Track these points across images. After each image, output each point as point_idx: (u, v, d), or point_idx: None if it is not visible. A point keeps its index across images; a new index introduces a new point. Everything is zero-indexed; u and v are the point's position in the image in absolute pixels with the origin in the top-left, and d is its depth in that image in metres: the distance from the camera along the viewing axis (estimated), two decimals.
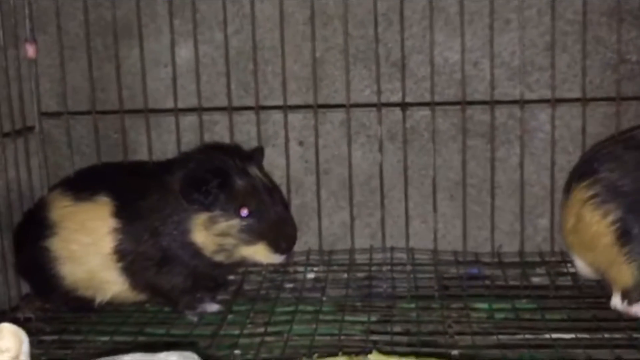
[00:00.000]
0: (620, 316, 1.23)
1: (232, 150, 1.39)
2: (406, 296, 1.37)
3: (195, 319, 1.31)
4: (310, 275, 1.49)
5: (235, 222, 1.26)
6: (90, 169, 1.46)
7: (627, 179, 1.22)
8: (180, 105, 1.55)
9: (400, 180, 1.54)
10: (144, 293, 1.32)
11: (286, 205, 1.36)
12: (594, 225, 1.23)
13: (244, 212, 1.26)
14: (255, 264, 1.35)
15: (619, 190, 1.22)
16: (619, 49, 1.48)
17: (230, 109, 1.53)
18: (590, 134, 1.49)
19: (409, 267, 1.49)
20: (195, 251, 1.28)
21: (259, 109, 1.53)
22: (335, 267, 1.51)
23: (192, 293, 1.32)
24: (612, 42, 1.49)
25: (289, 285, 1.45)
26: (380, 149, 1.53)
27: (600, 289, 1.28)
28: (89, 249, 1.30)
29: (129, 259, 1.29)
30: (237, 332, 1.26)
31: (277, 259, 1.29)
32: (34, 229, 1.33)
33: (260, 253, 1.28)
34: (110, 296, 1.32)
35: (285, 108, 1.53)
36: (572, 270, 1.34)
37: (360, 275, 1.48)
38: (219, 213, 1.26)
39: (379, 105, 1.52)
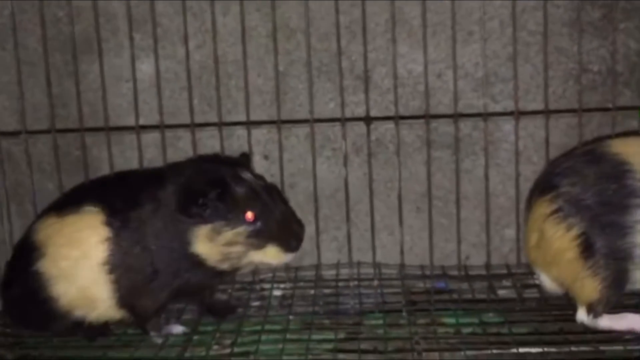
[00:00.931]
0: (586, 329, 1.23)
1: (221, 159, 1.37)
2: (374, 312, 1.36)
3: (159, 340, 1.29)
4: (277, 293, 1.48)
5: (242, 229, 1.24)
6: (77, 187, 1.41)
7: (589, 192, 1.22)
8: (143, 121, 1.53)
9: (366, 194, 1.54)
10: (124, 310, 1.29)
11: (286, 203, 1.34)
12: (557, 240, 1.23)
13: (250, 217, 1.24)
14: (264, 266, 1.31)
15: (581, 204, 1.22)
16: (580, 60, 1.48)
17: (192, 126, 1.51)
18: (554, 144, 1.49)
19: (375, 282, 1.49)
20: (195, 263, 1.25)
21: (222, 125, 1.51)
22: (301, 284, 1.50)
23: (161, 312, 1.30)
24: (574, 53, 1.50)
25: (255, 304, 1.43)
26: (345, 163, 1.52)
27: (567, 301, 1.28)
28: (79, 262, 1.25)
29: (119, 271, 1.25)
30: (202, 353, 1.24)
31: (288, 257, 1.27)
32: (22, 257, 1.30)
33: (270, 255, 1.26)
34: (97, 314, 1.28)
35: (249, 124, 1.51)
36: (538, 282, 1.34)
37: (327, 291, 1.47)
38: (223, 223, 1.24)
39: (342, 120, 1.51)
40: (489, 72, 1.51)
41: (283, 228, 1.26)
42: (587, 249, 1.20)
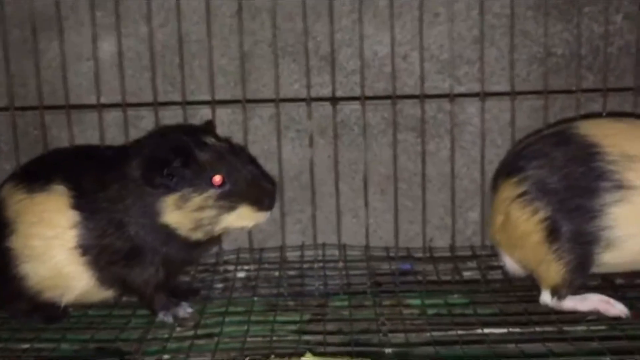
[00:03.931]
0: (550, 310, 1.23)
1: (184, 128, 1.36)
2: (339, 294, 1.36)
3: (169, 321, 1.26)
4: (241, 274, 1.46)
5: (210, 193, 1.22)
6: (40, 158, 1.37)
7: (556, 176, 1.21)
8: (104, 100, 1.50)
9: (331, 176, 1.53)
10: (113, 289, 1.27)
11: (255, 163, 1.32)
12: (523, 223, 1.23)
13: (217, 179, 1.22)
14: (240, 229, 1.29)
15: (547, 187, 1.21)
16: (545, 43, 1.49)
17: (156, 104, 1.49)
18: (518, 127, 1.50)
19: (340, 264, 1.48)
20: (169, 234, 1.23)
21: (185, 104, 1.49)
22: (266, 265, 1.49)
23: (165, 291, 1.27)
24: (539, 36, 1.50)
25: (219, 285, 1.42)
26: (311, 144, 1.51)
27: (531, 283, 1.29)
28: (52, 242, 1.23)
29: (94, 252, 1.23)
30: (165, 335, 1.22)
31: (262, 217, 1.25)
32: None
33: (244, 216, 1.24)
34: (77, 295, 1.25)
35: (213, 103, 1.50)
36: (502, 264, 1.34)
37: (292, 273, 1.46)
38: (190, 189, 1.21)
39: (308, 100, 1.50)
40: (454, 54, 1.50)
41: (253, 187, 1.24)
42: (552, 233, 1.20)
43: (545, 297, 1.24)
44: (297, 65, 1.52)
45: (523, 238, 1.23)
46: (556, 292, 1.22)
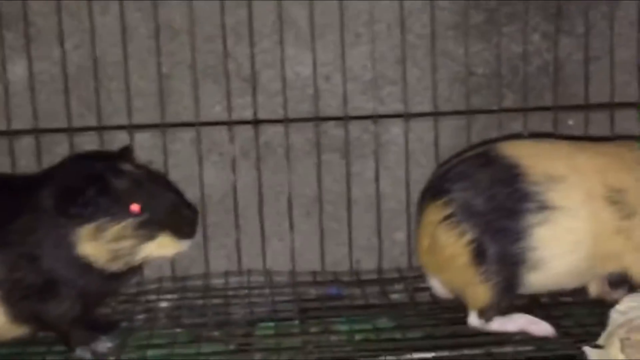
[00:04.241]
0: (479, 331, 1.23)
1: (99, 155, 1.31)
2: (265, 321, 1.32)
3: (88, 356, 1.20)
4: (164, 304, 1.42)
5: (128, 222, 1.17)
6: None
7: (481, 198, 1.21)
8: (16, 126, 1.44)
9: (255, 199, 1.50)
10: (27, 325, 1.21)
11: (175, 190, 1.28)
12: (450, 246, 1.22)
13: (135, 208, 1.17)
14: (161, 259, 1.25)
15: (473, 209, 1.21)
16: (466, 62, 1.49)
17: (70, 130, 1.43)
18: (442, 146, 1.50)
19: (267, 290, 1.45)
20: (85, 266, 1.18)
21: (102, 129, 1.44)
22: (189, 294, 1.44)
23: (82, 325, 1.22)
24: (460, 56, 1.50)
25: (140, 317, 1.37)
26: (233, 168, 1.48)
27: (458, 305, 1.28)
28: None
29: (5, 287, 1.17)
30: None
31: (184, 245, 1.21)
32: None
33: (164, 245, 1.19)
34: None
35: (131, 127, 1.45)
36: (430, 286, 1.33)
37: (217, 301, 1.42)
38: (107, 219, 1.17)
39: (230, 123, 1.47)
40: (377, 75, 1.50)
41: (173, 215, 1.20)
42: (479, 255, 1.20)
43: (473, 319, 1.24)
44: (217, 86, 1.49)
45: (450, 260, 1.22)
46: (484, 314, 1.22)
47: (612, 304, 1.22)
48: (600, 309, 1.24)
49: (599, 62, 1.51)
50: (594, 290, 1.32)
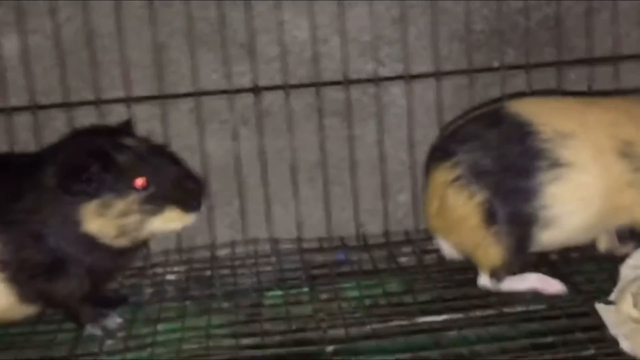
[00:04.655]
0: (489, 292, 1.22)
1: (100, 130, 1.29)
2: (274, 290, 1.32)
3: (98, 333, 1.20)
4: (171, 277, 1.41)
5: (134, 197, 1.16)
6: None
7: (490, 158, 1.20)
8: (13, 102, 1.41)
9: (257, 166, 1.48)
10: (36, 304, 1.20)
11: (179, 162, 1.26)
12: (459, 208, 1.21)
13: (140, 183, 1.16)
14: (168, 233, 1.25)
15: (482, 170, 1.19)
16: (465, 20, 1.47)
17: (67, 105, 1.41)
18: (444, 106, 1.48)
19: (273, 259, 1.44)
20: (92, 243, 1.16)
21: (99, 102, 1.42)
22: (196, 266, 1.43)
23: (91, 301, 1.21)
24: (458, 13, 1.48)
25: (149, 291, 1.36)
26: (235, 136, 1.46)
27: (468, 266, 1.27)
28: None
29: (12, 267, 1.16)
30: (95, 349, 1.16)
31: (191, 218, 1.19)
32: None
33: (171, 219, 1.18)
34: None
35: (129, 100, 1.43)
36: (438, 248, 1.32)
37: (224, 272, 1.41)
38: (112, 195, 1.15)
39: (230, 92, 1.45)
40: (374, 36, 1.47)
41: (179, 188, 1.18)
42: (490, 216, 1.19)
43: (484, 280, 1.23)
44: (214, 54, 1.46)
45: (460, 222, 1.21)
46: (495, 275, 1.22)
47: (621, 258, 1.22)
48: (609, 264, 1.25)
49: (599, 14, 1.49)
50: (603, 245, 1.31)
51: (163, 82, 1.44)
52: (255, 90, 1.45)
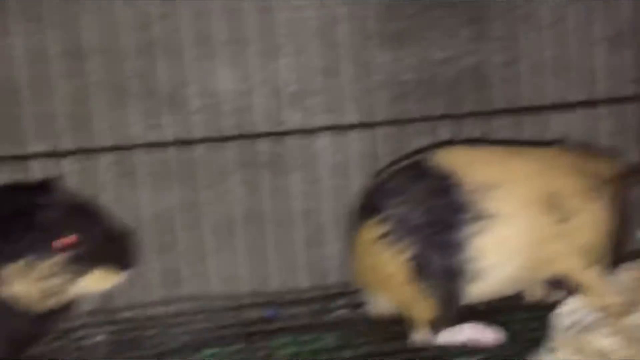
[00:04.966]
0: (428, 346, 1.21)
1: (23, 186, 1.23)
2: (208, 349, 1.28)
3: None
4: (98, 339, 1.35)
5: (58, 258, 1.10)
6: None
7: (417, 212, 1.19)
8: None
9: (185, 221, 1.45)
10: None
11: (106, 219, 1.21)
12: (389, 264, 1.20)
13: (65, 242, 1.11)
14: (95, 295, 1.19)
15: (410, 225, 1.19)
16: (392, 71, 1.48)
17: None
18: (371, 156, 1.49)
19: (206, 316, 1.40)
20: (13, 307, 1.10)
21: (18, 158, 1.36)
22: (125, 326, 1.38)
23: None
24: (383, 63, 1.49)
25: (74, 355, 1.30)
26: (162, 189, 1.42)
27: (401, 320, 1.26)
28: None
29: None
30: None
31: (121, 277, 1.15)
32: None
33: (100, 278, 1.13)
34: None
35: (51, 154, 1.38)
36: (370, 304, 1.31)
37: (155, 331, 1.36)
38: (34, 256, 1.10)
39: (157, 144, 1.42)
40: (300, 87, 1.47)
41: (108, 246, 1.15)
42: (420, 271, 1.18)
43: (419, 334, 1.22)
44: (136, 106, 1.43)
45: (390, 278, 1.20)
46: (429, 329, 1.21)
47: (552, 306, 1.23)
48: (542, 312, 1.26)
49: (519, 64, 1.52)
50: (532, 293, 1.33)
51: (84, 135, 1.39)
52: (182, 142, 1.42)
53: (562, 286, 1.30)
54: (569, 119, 1.53)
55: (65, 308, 1.18)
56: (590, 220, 1.22)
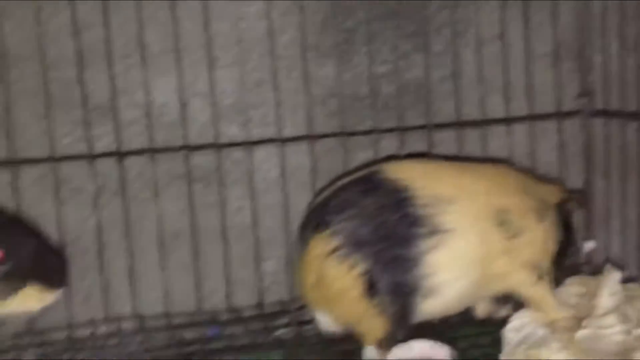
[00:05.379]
0: None
1: None
2: None
3: None
4: None
5: None
6: None
7: (369, 226, 1.15)
8: None
9: (118, 236, 1.37)
10: None
11: (39, 234, 1.14)
12: (339, 280, 1.15)
13: None
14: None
15: (361, 239, 1.14)
16: (329, 85, 1.45)
17: None
18: (312, 170, 1.44)
19: (139, 337, 1.32)
20: None
21: None
22: (52, 349, 1.29)
23: None
24: (322, 78, 1.45)
25: None
26: (94, 204, 1.36)
27: (350, 337, 1.21)
28: None
29: None
30: None
31: (52, 297, 1.09)
32: None
33: (30, 298, 1.07)
34: None
35: None
36: (317, 321, 1.25)
37: (84, 354, 1.28)
38: None
39: (90, 156, 1.35)
40: (238, 99, 1.42)
41: (40, 263, 1.08)
42: (371, 287, 1.14)
43: (370, 352, 1.18)
44: (66, 116, 1.36)
45: (340, 295, 1.16)
46: (380, 346, 1.17)
47: (500, 321, 1.21)
48: (490, 328, 1.23)
49: (452, 80, 1.51)
50: (480, 309, 1.31)
51: (11, 146, 1.31)
52: (119, 154, 1.36)
53: (508, 302, 1.29)
54: (511, 133, 1.52)
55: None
56: (537, 237, 1.21)
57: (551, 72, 1.54)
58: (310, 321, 1.31)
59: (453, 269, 1.16)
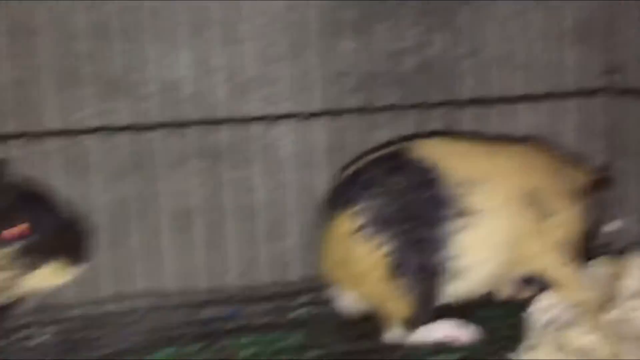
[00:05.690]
0: (401, 344, 1.16)
1: None
2: (162, 349, 1.19)
3: None
4: (42, 339, 1.24)
5: (7, 250, 1.01)
6: None
7: (395, 206, 1.13)
8: None
9: (143, 211, 1.36)
10: None
11: (60, 208, 1.11)
12: (365, 259, 1.13)
13: (15, 232, 1.01)
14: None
15: (388, 219, 1.12)
16: (342, 60, 1.43)
17: None
18: (326, 148, 1.42)
19: (157, 314, 1.31)
20: None
21: None
22: (72, 324, 1.28)
23: None
24: (335, 54, 1.43)
25: (16, 357, 1.19)
26: (114, 178, 1.34)
27: (369, 316, 1.20)
28: None
29: None
30: None
31: (77, 271, 1.08)
32: None
33: (54, 273, 1.06)
34: None
35: None
36: (340, 300, 1.24)
37: (103, 330, 1.26)
38: None
39: (108, 128, 1.33)
40: (252, 75, 1.39)
41: (63, 237, 1.06)
42: (397, 267, 1.12)
43: (394, 332, 1.17)
44: (81, 90, 1.33)
45: (366, 274, 1.14)
46: (405, 327, 1.15)
47: (525, 303, 1.20)
48: (516, 309, 1.22)
49: (474, 57, 1.48)
50: (504, 290, 1.29)
51: (27, 120, 1.29)
52: (135, 129, 1.33)
53: (531, 283, 1.27)
54: (536, 111, 1.50)
55: (13, 306, 1.08)
56: (568, 218, 1.19)
57: (575, 49, 1.51)
58: (329, 301, 1.30)
59: (481, 251, 1.15)
